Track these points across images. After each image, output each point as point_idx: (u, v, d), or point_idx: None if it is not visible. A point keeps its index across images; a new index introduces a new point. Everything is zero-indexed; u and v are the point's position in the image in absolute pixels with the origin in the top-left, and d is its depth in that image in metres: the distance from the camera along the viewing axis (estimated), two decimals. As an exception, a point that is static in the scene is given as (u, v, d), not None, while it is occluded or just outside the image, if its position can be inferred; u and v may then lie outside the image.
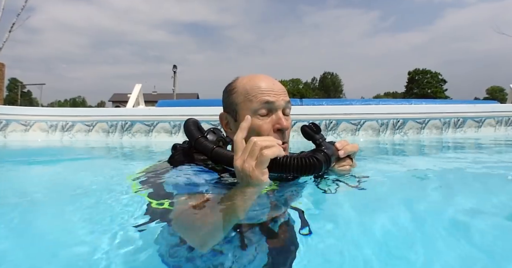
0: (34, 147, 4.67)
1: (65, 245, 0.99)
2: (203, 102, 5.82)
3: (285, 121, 1.09)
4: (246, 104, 1.10)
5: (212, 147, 1.05)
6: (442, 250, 0.89)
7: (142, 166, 1.33)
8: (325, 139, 1.05)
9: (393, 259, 0.88)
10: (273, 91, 1.10)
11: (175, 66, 21.66)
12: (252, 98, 1.09)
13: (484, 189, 1.51)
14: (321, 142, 1.03)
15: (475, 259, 0.85)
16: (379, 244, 0.94)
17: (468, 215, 1.12)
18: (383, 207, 1.17)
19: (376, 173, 1.66)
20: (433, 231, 1.00)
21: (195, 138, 1.09)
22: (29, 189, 1.79)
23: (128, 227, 1.01)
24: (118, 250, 0.91)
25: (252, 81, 1.13)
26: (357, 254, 0.89)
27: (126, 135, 5.11)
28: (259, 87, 1.10)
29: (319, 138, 1.04)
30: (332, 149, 1.04)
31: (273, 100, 1.09)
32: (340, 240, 0.97)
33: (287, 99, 1.13)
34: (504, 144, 4.38)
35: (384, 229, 1.01)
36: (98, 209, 1.26)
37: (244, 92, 1.12)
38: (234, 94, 1.14)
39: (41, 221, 1.21)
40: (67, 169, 2.71)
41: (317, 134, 1.05)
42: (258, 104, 1.08)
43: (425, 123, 4.98)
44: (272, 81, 1.14)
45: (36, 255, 0.94)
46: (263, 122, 1.08)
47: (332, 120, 4.81)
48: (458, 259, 0.86)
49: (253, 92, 1.10)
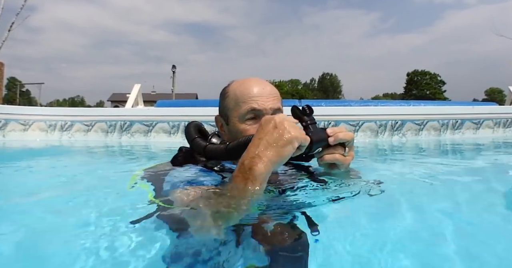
0: (33, 147, 4.67)
1: (62, 245, 0.99)
2: (201, 103, 5.81)
3: None
4: (235, 110, 1.13)
5: (205, 145, 1.06)
6: (446, 255, 0.89)
7: (141, 166, 1.34)
8: (316, 123, 0.99)
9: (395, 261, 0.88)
10: (261, 97, 1.11)
11: (174, 66, 21.67)
12: (241, 104, 1.12)
13: (484, 191, 1.52)
14: (308, 124, 0.97)
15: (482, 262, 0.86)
16: (379, 248, 0.94)
17: (468, 218, 1.12)
18: (383, 211, 1.15)
19: (376, 176, 1.67)
20: (434, 235, 1.00)
21: (192, 138, 1.10)
22: (27, 189, 1.79)
23: (127, 227, 1.01)
24: (116, 250, 0.92)
25: (242, 86, 1.15)
26: (357, 257, 0.89)
27: (125, 135, 5.11)
28: (248, 92, 1.12)
29: (307, 120, 0.98)
30: (321, 134, 0.98)
31: (260, 107, 1.10)
32: (338, 243, 0.95)
33: (276, 106, 1.12)
34: (503, 146, 4.39)
35: (384, 235, 1.00)
36: (96, 208, 1.27)
37: (234, 97, 1.14)
38: (226, 99, 1.17)
39: (40, 221, 1.21)
40: (65, 169, 2.71)
41: (306, 116, 0.99)
42: (245, 110, 1.10)
43: (423, 125, 5.00)
44: (263, 86, 1.15)
45: (33, 255, 0.94)
46: (250, 127, 1.10)
47: (330, 121, 4.82)
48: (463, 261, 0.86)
49: (242, 98, 1.12)
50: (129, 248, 0.92)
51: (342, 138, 1.01)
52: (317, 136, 0.96)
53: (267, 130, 0.89)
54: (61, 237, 1.05)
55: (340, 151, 1.02)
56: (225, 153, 1.00)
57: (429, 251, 0.91)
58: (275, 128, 0.88)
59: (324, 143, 0.99)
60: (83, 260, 0.88)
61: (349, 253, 0.91)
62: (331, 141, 1.00)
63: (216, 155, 1.03)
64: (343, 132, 1.01)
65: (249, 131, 1.09)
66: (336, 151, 1.02)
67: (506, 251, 0.90)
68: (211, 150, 1.04)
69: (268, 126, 0.89)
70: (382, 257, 0.88)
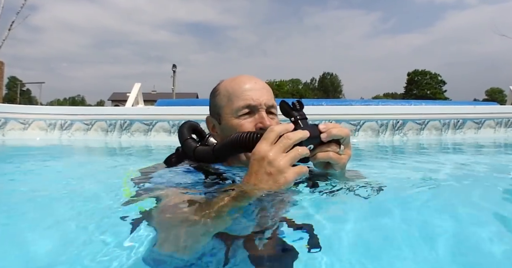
0: (32, 146, 4.65)
1: (58, 245, 0.97)
2: (202, 102, 5.82)
3: (269, 120, 1.05)
4: (228, 106, 1.09)
5: (195, 146, 1.03)
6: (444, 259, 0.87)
7: (139, 165, 1.32)
8: (306, 118, 0.93)
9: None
10: (255, 91, 1.08)
11: (175, 66, 21.69)
12: (234, 99, 1.07)
13: (486, 193, 1.50)
14: (297, 119, 0.91)
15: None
16: (379, 253, 0.91)
17: (470, 223, 1.09)
18: (383, 215, 1.11)
19: (377, 176, 1.65)
20: (431, 239, 0.98)
21: (183, 139, 1.08)
22: (26, 188, 1.78)
23: (123, 228, 1.00)
24: (114, 250, 0.90)
25: (233, 82, 1.12)
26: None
27: (125, 134, 5.09)
28: (240, 87, 1.08)
29: (296, 115, 0.91)
30: (312, 130, 0.89)
31: (255, 102, 1.06)
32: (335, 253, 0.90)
33: (270, 102, 1.09)
34: (504, 146, 4.38)
35: (384, 241, 0.95)
36: (94, 209, 1.25)
37: (226, 94, 1.10)
38: (217, 96, 1.13)
39: (37, 222, 1.19)
40: (65, 168, 2.70)
41: (296, 111, 0.93)
42: (239, 104, 1.06)
43: (424, 124, 4.97)
44: (255, 81, 1.11)
45: (28, 256, 0.93)
46: (245, 121, 1.06)
47: (331, 120, 4.80)
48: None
49: (235, 93, 1.08)
50: (127, 250, 0.90)
51: (336, 134, 0.92)
52: (308, 132, 0.88)
53: (259, 174, 0.81)
54: (56, 236, 1.04)
55: (335, 148, 0.93)
56: (212, 155, 0.96)
57: (428, 255, 0.89)
58: (270, 174, 0.80)
59: (316, 140, 0.91)
60: (79, 260, 0.86)
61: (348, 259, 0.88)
62: (324, 137, 0.91)
63: (204, 157, 1.00)
64: (337, 128, 0.93)
65: (243, 126, 1.05)
66: (329, 148, 0.93)
67: (505, 258, 0.88)
68: (199, 152, 1.02)
69: (260, 166, 0.81)
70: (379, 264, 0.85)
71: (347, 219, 0.97)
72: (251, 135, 0.89)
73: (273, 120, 1.08)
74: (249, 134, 0.90)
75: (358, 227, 0.96)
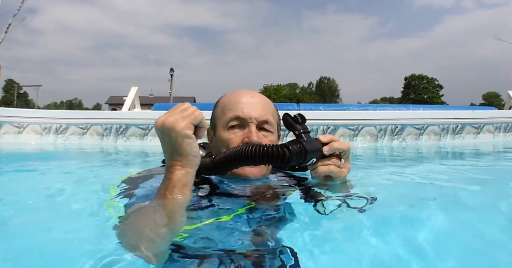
0: (27, 150, 4.58)
1: (49, 247, 0.93)
2: (199, 106, 5.72)
3: (256, 136, 1.03)
4: (221, 117, 1.10)
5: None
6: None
7: (135, 170, 1.30)
8: (309, 131, 0.94)
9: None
10: (248, 104, 1.07)
11: (172, 69, 21.65)
12: (226, 111, 1.09)
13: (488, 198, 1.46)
14: (301, 133, 0.92)
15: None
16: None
17: (472, 230, 1.05)
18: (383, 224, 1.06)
19: (374, 183, 1.61)
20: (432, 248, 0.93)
21: None
22: (20, 193, 1.73)
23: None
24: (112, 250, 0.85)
25: (232, 95, 1.13)
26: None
27: (121, 139, 5.03)
28: (235, 100, 1.09)
29: (300, 128, 0.93)
30: (314, 143, 0.92)
31: (245, 115, 1.05)
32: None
33: (263, 118, 1.06)
34: (503, 151, 4.35)
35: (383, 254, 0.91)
36: (90, 212, 1.21)
37: (222, 105, 1.12)
38: (216, 109, 1.16)
39: (31, 226, 1.15)
40: (59, 173, 2.64)
41: (299, 124, 0.94)
42: (229, 117, 1.07)
43: (423, 129, 4.95)
44: (251, 95, 1.11)
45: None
46: (234, 135, 1.05)
47: (330, 125, 4.76)
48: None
49: (229, 106, 1.09)
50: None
51: (338, 147, 0.95)
52: (311, 145, 0.90)
53: (163, 141, 0.85)
54: (50, 240, 1.00)
55: (336, 162, 0.96)
56: (212, 167, 0.92)
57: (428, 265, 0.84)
58: (163, 134, 0.83)
59: (318, 153, 0.93)
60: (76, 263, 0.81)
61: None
62: (326, 150, 0.93)
63: (200, 169, 0.96)
64: (338, 141, 0.95)
65: (231, 141, 1.04)
66: (330, 161, 0.95)
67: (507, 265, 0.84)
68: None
69: (162, 136, 0.85)
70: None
71: (346, 235, 0.92)
72: (251, 148, 0.85)
73: (265, 137, 1.06)
74: (248, 147, 0.86)
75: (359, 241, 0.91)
